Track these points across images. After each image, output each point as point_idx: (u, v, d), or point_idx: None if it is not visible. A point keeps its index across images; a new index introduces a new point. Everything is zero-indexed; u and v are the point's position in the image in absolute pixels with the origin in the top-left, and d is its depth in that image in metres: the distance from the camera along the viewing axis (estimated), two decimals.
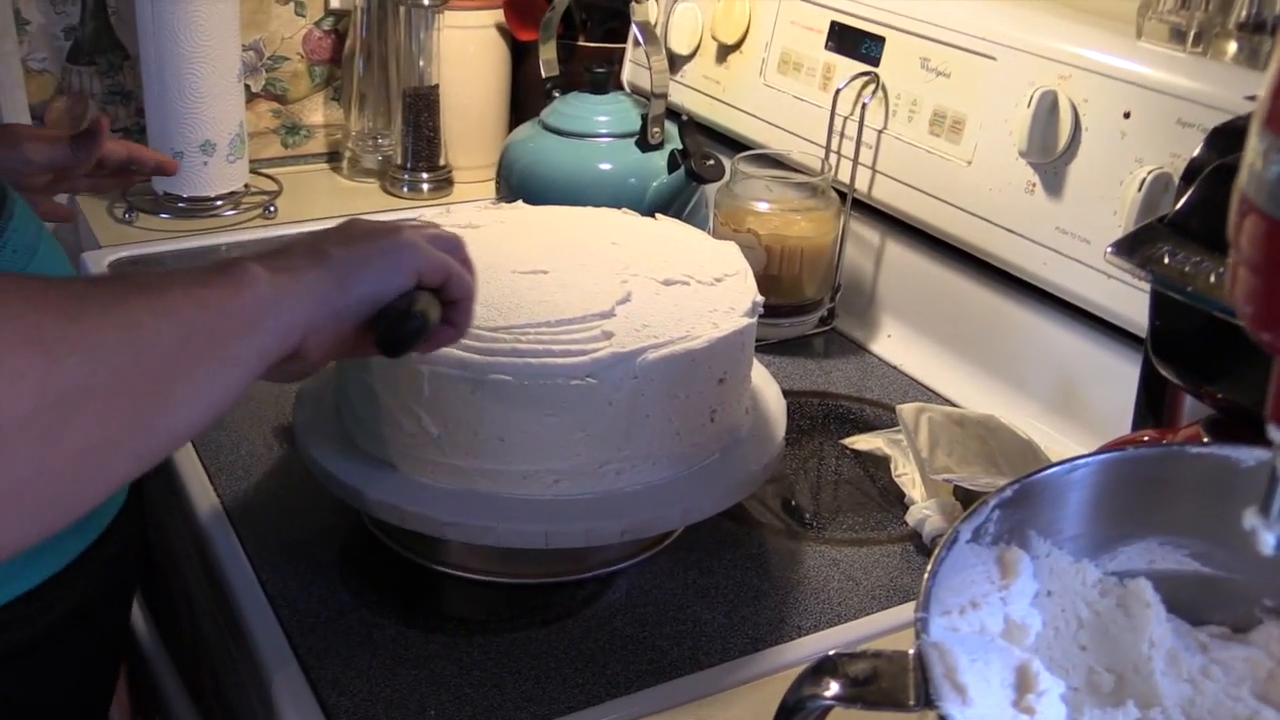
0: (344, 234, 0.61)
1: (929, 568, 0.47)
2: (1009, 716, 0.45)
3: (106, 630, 0.77)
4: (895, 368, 1.10)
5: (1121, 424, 0.81)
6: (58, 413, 0.41)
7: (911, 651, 0.45)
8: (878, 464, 0.92)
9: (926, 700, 0.43)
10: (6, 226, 0.68)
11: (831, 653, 0.46)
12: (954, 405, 0.99)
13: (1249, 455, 0.54)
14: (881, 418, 1.00)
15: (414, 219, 0.72)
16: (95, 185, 1.03)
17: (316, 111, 1.55)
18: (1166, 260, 0.64)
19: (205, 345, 0.49)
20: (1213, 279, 0.61)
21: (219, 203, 1.35)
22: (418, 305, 0.60)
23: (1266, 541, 0.40)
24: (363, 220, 0.64)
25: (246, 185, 1.39)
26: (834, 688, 0.44)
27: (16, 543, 0.42)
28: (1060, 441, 0.93)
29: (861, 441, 0.95)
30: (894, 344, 1.12)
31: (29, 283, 0.44)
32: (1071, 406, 0.96)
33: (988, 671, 0.46)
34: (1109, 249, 0.66)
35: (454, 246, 0.64)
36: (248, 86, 1.47)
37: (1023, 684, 0.46)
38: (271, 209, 1.37)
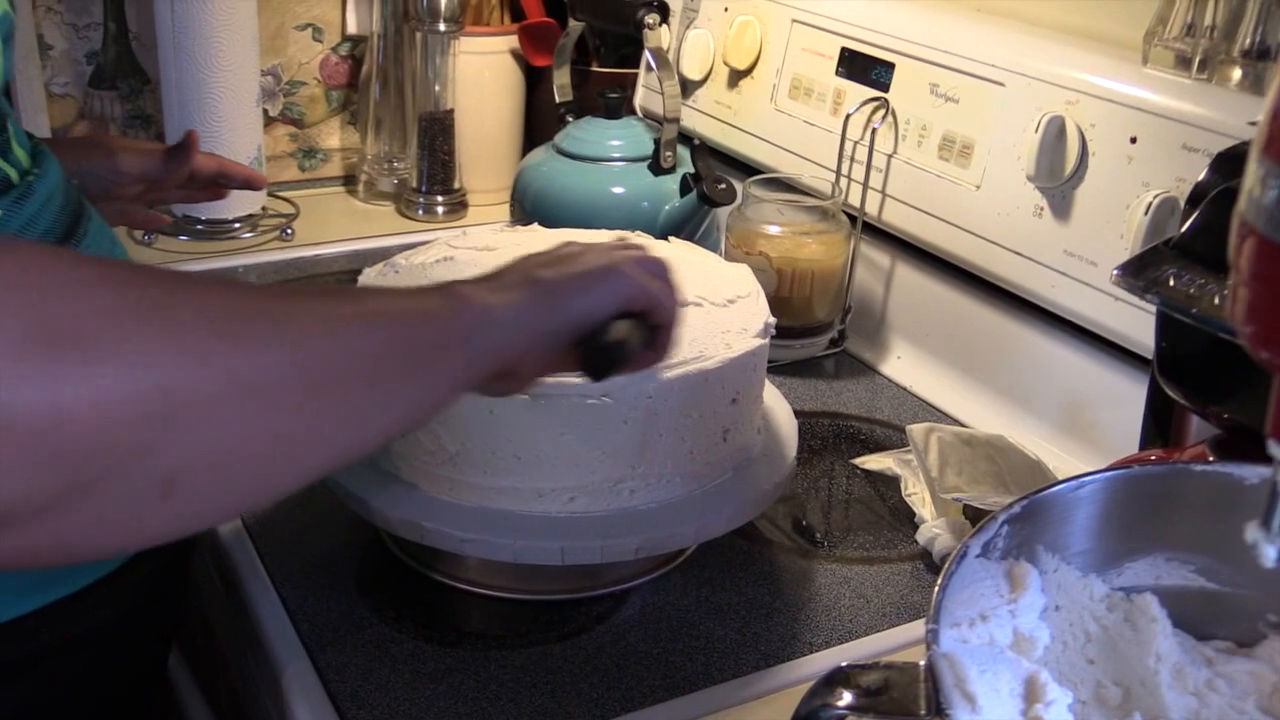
0: (555, 258, 0.62)
1: (939, 581, 0.48)
2: None
3: (150, 635, 0.79)
4: (905, 389, 1.11)
5: (1129, 444, 0.82)
6: (249, 400, 0.43)
7: (922, 663, 0.46)
8: (888, 483, 0.94)
9: (937, 709, 0.44)
10: (81, 242, 0.71)
11: (844, 664, 0.47)
12: (963, 426, 1.00)
13: (1253, 473, 0.55)
14: (891, 438, 1.02)
15: (624, 240, 0.71)
16: (186, 197, 1.05)
17: (333, 135, 1.57)
18: (1172, 283, 0.65)
19: (409, 357, 0.51)
20: (1217, 300, 0.62)
21: (236, 225, 1.37)
22: (618, 333, 0.61)
23: (1268, 555, 0.41)
24: (575, 243, 0.65)
25: (264, 208, 1.41)
26: (846, 698, 0.46)
27: (218, 511, 0.46)
28: (1068, 461, 0.95)
29: (872, 461, 0.96)
30: (904, 365, 1.14)
31: (235, 284, 0.47)
32: (1079, 427, 0.98)
33: (997, 682, 0.47)
34: (1115, 271, 0.68)
35: (661, 271, 0.65)
36: (265, 111, 1.49)
37: (1031, 694, 0.47)
38: (288, 231, 1.39)
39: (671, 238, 0.95)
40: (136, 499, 0.41)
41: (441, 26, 1.39)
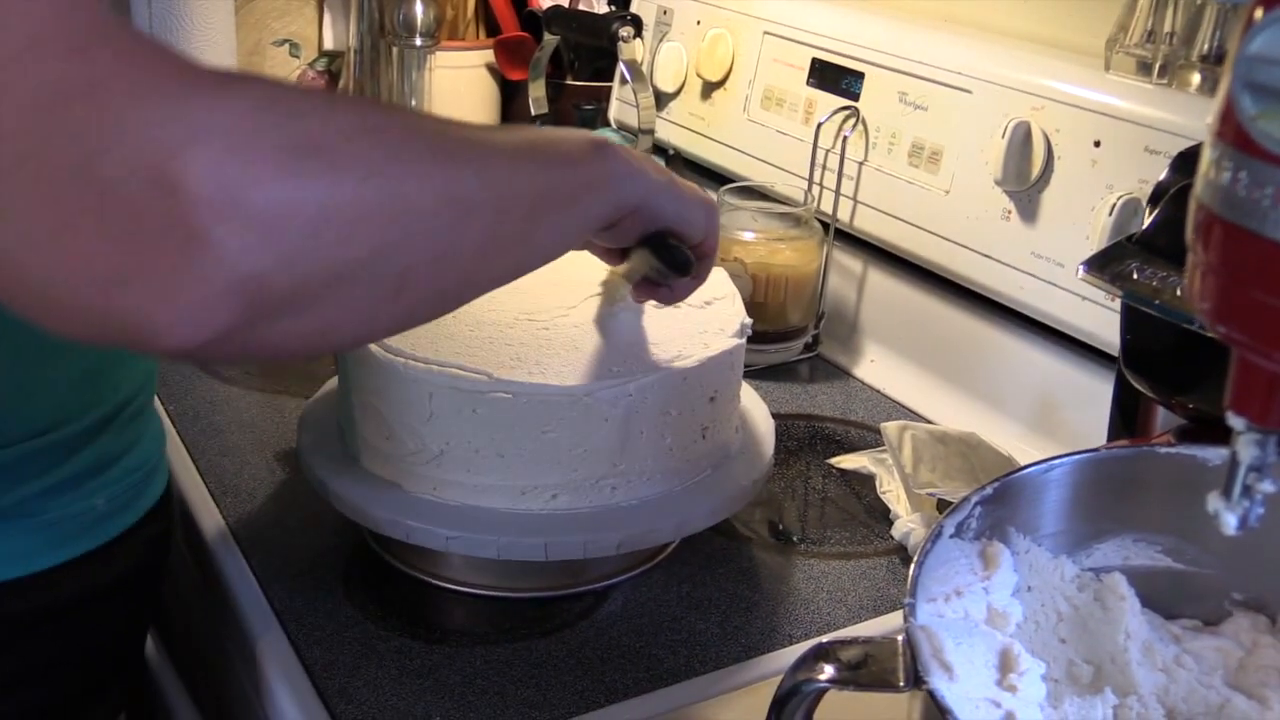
0: (656, 171, 0.71)
1: (915, 558, 0.50)
2: (993, 694, 0.47)
3: (140, 601, 0.82)
4: (879, 391, 1.13)
5: (1097, 439, 0.84)
6: (456, 212, 0.50)
7: (900, 637, 0.48)
8: (863, 482, 0.95)
9: (915, 680, 0.46)
10: None
11: (825, 639, 0.48)
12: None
13: (1216, 455, 0.57)
14: (866, 438, 1.03)
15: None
16: None
17: None
18: (1136, 276, 0.67)
19: (566, 194, 0.60)
20: (1179, 292, 0.65)
21: None
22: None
23: (1229, 522, 0.43)
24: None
25: None
26: (828, 671, 0.47)
27: (430, 311, 0.55)
28: (1038, 458, 0.96)
29: (847, 461, 0.98)
30: (877, 368, 1.16)
31: (435, 118, 0.54)
32: (1049, 424, 1.00)
33: (972, 654, 0.48)
34: (1081, 266, 0.70)
35: (716, 218, 0.74)
36: None
37: (1005, 665, 0.49)
38: None
39: None
40: (377, 293, 0.48)
41: (417, 41, 1.40)
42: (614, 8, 1.45)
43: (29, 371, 0.69)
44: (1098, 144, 0.92)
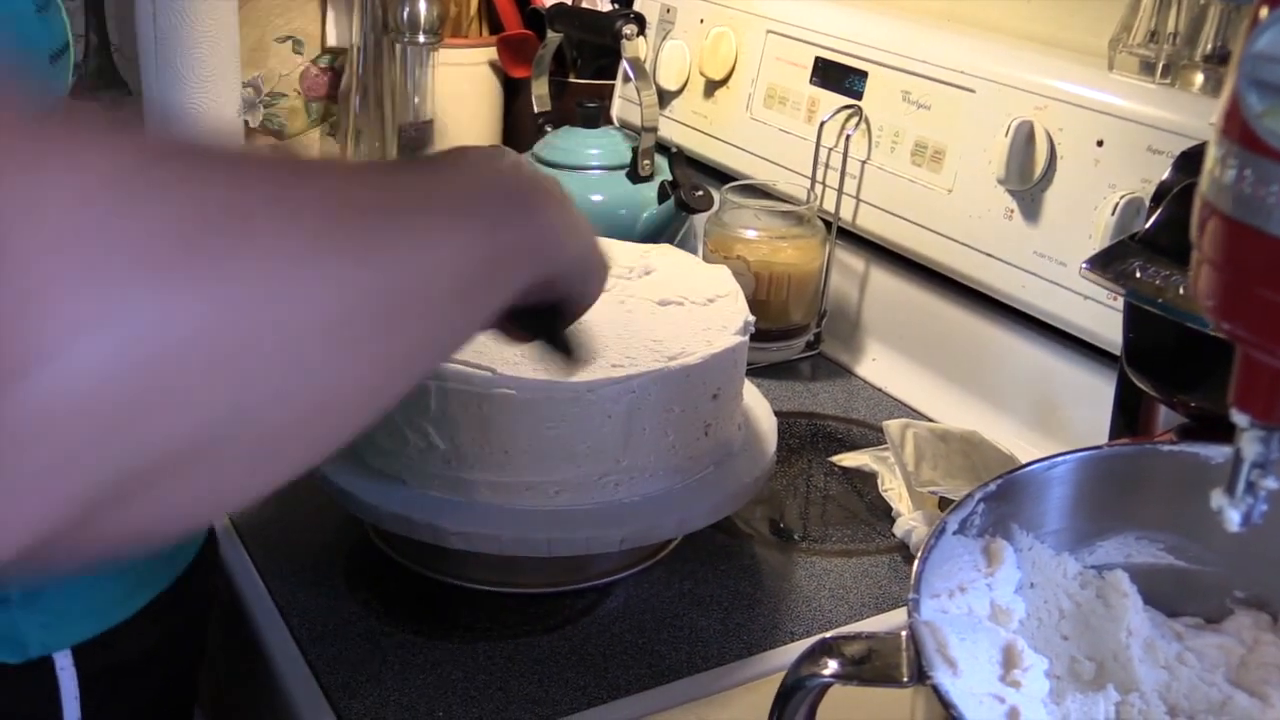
0: (582, 225, 0.55)
1: (919, 554, 0.50)
2: (997, 689, 0.48)
3: (189, 657, 0.81)
4: (880, 390, 1.13)
5: (1098, 439, 0.84)
6: (363, 322, 0.38)
7: (904, 633, 0.48)
8: (865, 480, 0.95)
9: (919, 675, 0.46)
10: None
11: (829, 635, 0.49)
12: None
13: (1218, 453, 0.57)
14: (868, 437, 1.04)
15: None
16: None
17: (313, 147, 1.59)
18: (1139, 275, 0.67)
19: (491, 275, 0.46)
20: (1182, 291, 0.65)
21: None
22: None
23: (1232, 519, 0.43)
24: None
25: None
26: (832, 666, 0.47)
27: (327, 447, 0.40)
28: (1039, 456, 0.97)
29: (849, 458, 0.98)
30: (879, 367, 1.16)
31: (336, 189, 0.40)
32: (1050, 423, 1.00)
33: (976, 649, 0.48)
34: (1084, 265, 0.70)
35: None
36: (246, 122, 1.50)
37: (1009, 660, 0.49)
38: None
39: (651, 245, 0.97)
40: (237, 467, 0.35)
41: (421, 38, 1.40)
42: (617, 5, 1.46)
43: None
44: (1100, 144, 0.92)
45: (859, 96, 1.14)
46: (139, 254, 0.30)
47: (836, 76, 1.17)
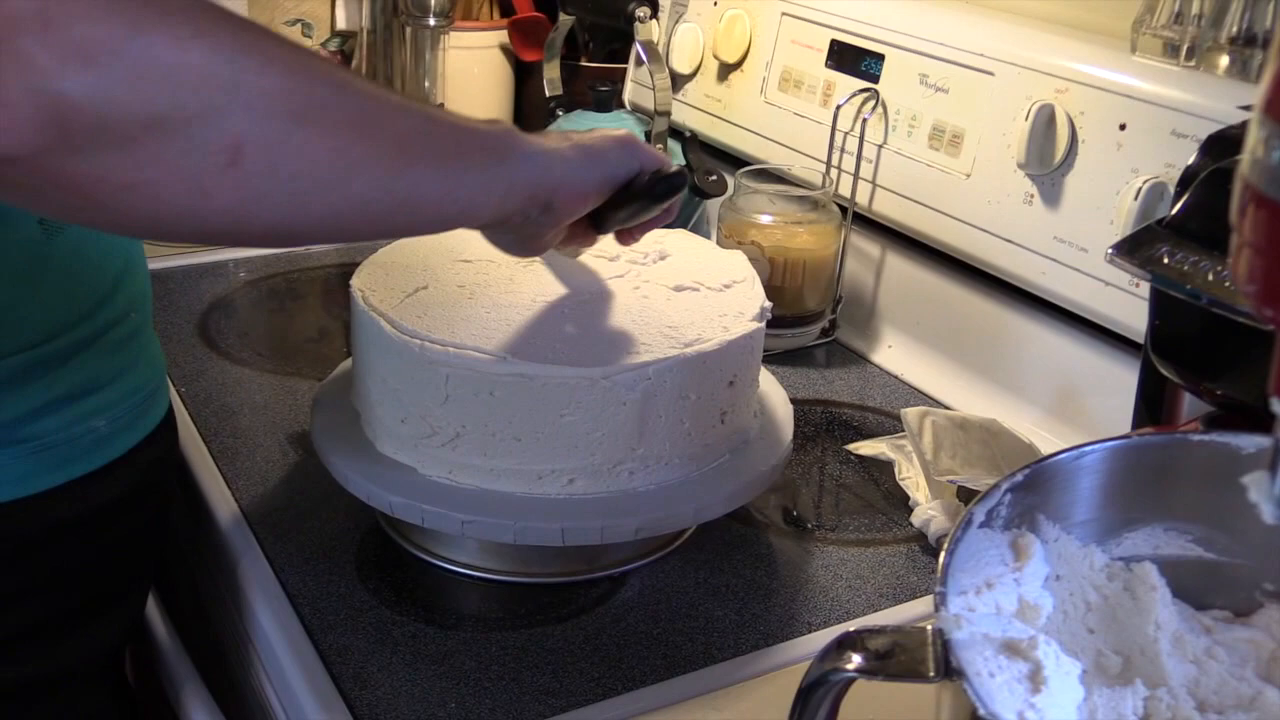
0: (580, 135, 0.71)
1: (945, 546, 0.49)
2: (1024, 687, 0.46)
3: (145, 521, 0.83)
4: (896, 377, 1.12)
5: (1120, 428, 0.83)
6: (299, 103, 0.50)
7: (929, 626, 0.47)
8: (881, 468, 0.94)
9: (946, 671, 0.44)
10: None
11: (852, 629, 0.47)
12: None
13: (1250, 443, 0.55)
14: (884, 425, 1.02)
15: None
16: None
17: None
18: (1166, 260, 0.66)
19: (447, 145, 0.59)
20: (1211, 277, 0.63)
21: None
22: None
23: (1269, 511, 0.42)
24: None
25: None
26: (856, 660, 0.46)
27: (273, 204, 0.51)
28: (1060, 445, 0.95)
29: (865, 447, 0.96)
30: (895, 354, 1.14)
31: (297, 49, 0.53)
32: (1070, 412, 0.98)
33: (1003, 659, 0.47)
34: (1110, 250, 0.69)
35: (638, 140, 0.74)
36: None
37: (1035, 680, 0.48)
38: None
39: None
40: (203, 158, 0.48)
41: (431, 21, 1.39)
42: None
43: (3, 287, 0.69)
44: (1123, 127, 0.91)
45: (875, 79, 1.12)
46: None
47: (852, 59, 1.15)
